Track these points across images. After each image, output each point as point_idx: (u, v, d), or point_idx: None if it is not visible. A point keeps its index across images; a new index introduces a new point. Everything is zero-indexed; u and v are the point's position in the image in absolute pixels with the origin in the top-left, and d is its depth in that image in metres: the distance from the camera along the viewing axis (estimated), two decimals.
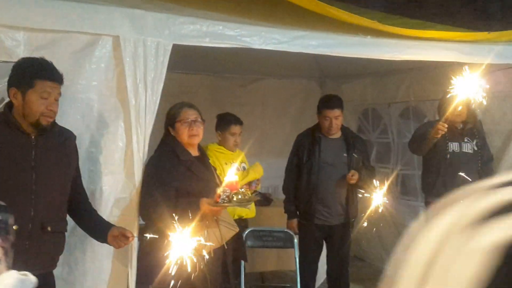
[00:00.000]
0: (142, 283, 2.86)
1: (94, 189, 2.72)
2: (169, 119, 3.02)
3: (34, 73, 2.28)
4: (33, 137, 2.32)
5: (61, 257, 2.52)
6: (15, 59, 2.45)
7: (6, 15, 2.42)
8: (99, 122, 2.74)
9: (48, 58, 2.47)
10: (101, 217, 2.59)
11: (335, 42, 3.29)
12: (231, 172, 2.82)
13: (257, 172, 4.03)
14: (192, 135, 2.96)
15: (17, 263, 2.21)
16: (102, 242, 2.52)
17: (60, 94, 2.37)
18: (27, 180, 2.28)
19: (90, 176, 2.72)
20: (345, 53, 3.37)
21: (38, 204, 2.30)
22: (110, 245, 2.51)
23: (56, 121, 2.44)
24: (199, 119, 3.01)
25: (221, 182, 3.00)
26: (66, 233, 2.51)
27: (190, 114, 2.99)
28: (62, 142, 2.45)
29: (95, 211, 2.60)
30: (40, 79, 2.27)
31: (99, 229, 2.53)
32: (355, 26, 3.31)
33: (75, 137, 2.54)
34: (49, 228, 2.32)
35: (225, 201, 2.69)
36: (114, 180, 2.79)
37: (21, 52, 2.48)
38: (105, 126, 2.76)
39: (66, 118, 2.62)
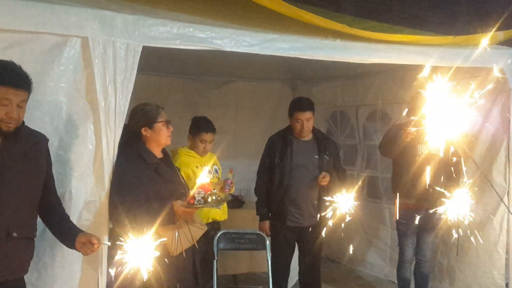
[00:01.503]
0: None
1: (63, 192, 2.68)
2: (147, 119, 2.94)
3: None
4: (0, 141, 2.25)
5: (31, 263, 2.47)
6: None
7: None
8: (67, 125, 2.70)
9: (15, 59, 2.42)
10: (71, 223, 2.54)
11: (305, 45, 3.32)
12: (203, 174, 2.84)
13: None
14: (169, 136, 2.98)
15: None
16: (71, 248, 2.46)
17: (25, 100, 2.27)
18: None
19: (59, 179, 2.67)
20: (315, 56, 3.40)
21: (3, 209, 2.23)
22: (78, 251, 2.45)
23: (25, 123, 2.39)
24: None
25: (185, 183, 3.03)
26: (35, 238, 2.45)
27: (166, 116, 2.99)
28: (32, 146, 2.37)
29: (66, 216, 2.55)
30: (1, 85, 2.17)
31: (67, 235, 2.47)
32: (325, 30, 3.34)
33: (47, 140, 2.47)
34: (14, 234, 2.26)
35: (201, 203, 2.72)
36: (84, 183, 2.75)
37: None
38: (74, 128, 2.72)
39: (34, 121, 2.58)
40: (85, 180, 2.75)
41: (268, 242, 4.09)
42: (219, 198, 2.82)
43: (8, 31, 2.50)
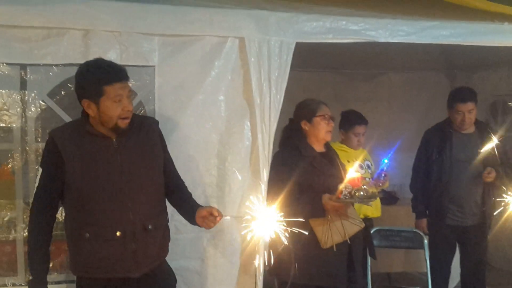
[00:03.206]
0: (269, 274, 2.92)
1: (223, 186, 2.81)
2: (306, 113, 2.98)
3: (100, 80, 2.18)
4: (114, 140, 2.27)
5: (195, 252, 2.59)
6: (151, 64, 2.62)
7: (143, 23, 2.59)
8: (226, 122, 2.83)
9: (180, 61, 2.58)
10: (190, 198, 2.51)
11: (468, 31, 3.09)
12: (353, 169, 2.78)
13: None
14: (329, 131, 2.98)
15: (127, 266, 2.27)
16: (193, 224, 2.43)
17: (130, 90, 2.26)
18: (119, 184, 2.25)
19: (219, 174, 2.82)
20: (479, 42, 3.15)
21: (135, 205, 2.27)
22: (200, 226, 2.40)
23: (177, 121, 2.50)
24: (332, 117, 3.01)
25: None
26: (168, 223, 2.48)
27: (328, 111, 3.00)
28: (145, 134, 2.37)
29: (188, 195, 2.53)
30: (108, 85, 2.17)
31: (190, 212, 2.43)
32: (490, 13, 3.08)
33: (156, 122, 2.46)
34: (150, 227, 2.30)
35: (347, 197, 2.67)
36: (241, 178, 2.86)
37: (156, 57, 2.64)
38: (231, 125, 2.84)
39: (195, 118, 2.75)
40: (243, 175, 2.86)
41: (426, 241, 3.89)
42: (367, 194, 2.72)
43: (173, 36, 2.68)
